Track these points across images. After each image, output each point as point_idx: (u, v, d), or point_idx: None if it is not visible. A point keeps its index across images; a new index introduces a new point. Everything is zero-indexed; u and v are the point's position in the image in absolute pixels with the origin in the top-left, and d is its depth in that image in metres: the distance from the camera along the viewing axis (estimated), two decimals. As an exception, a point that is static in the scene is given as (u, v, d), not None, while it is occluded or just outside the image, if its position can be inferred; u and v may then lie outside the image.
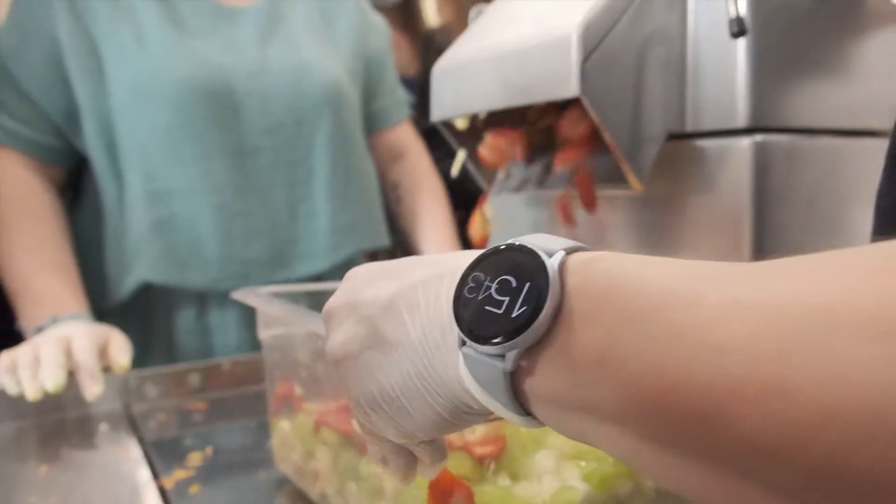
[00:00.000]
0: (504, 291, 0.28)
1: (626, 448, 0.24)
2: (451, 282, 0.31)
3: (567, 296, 0.26)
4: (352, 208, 1.09)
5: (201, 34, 1.00)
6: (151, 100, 0.96)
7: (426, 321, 0.31)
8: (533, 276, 0.27)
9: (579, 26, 0.53)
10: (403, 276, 0.33)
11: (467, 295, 0.29)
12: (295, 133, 1.04)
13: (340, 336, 0.35)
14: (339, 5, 1.15)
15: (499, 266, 0.29)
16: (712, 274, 0.23)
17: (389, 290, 0.33)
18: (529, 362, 0.27)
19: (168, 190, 0.97)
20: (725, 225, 0.58)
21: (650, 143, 0.57)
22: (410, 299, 0.32)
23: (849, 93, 0.62)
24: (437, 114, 0.67)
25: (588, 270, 0.26)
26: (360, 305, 0.34)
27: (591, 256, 0.27)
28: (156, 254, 0.97)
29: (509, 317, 0.27)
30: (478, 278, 0.29)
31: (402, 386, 0.32)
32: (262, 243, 1.02)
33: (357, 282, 0.36)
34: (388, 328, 0.32)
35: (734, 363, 0.20)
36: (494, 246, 0.30)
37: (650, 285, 0.24)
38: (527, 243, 0.29)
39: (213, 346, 1.03)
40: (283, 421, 0.62)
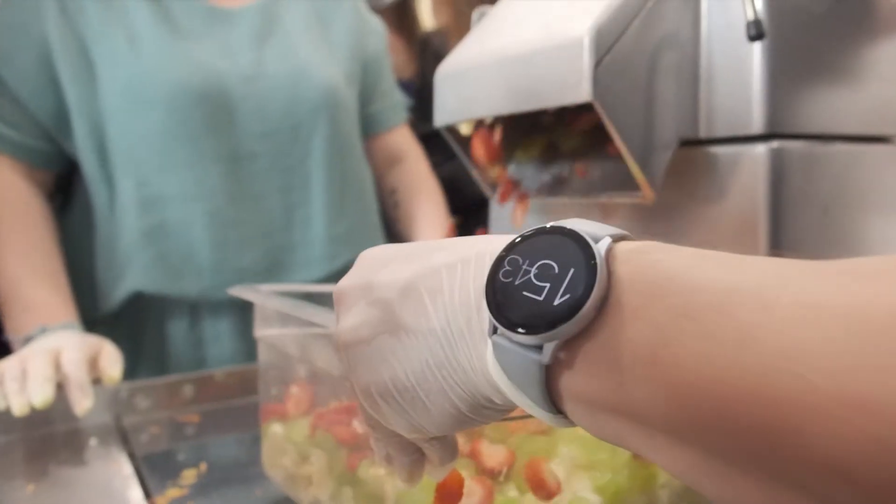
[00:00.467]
0: (545, 277, 0.26)
1: (675, 458, 0.22)
2: (479, 267, 0.29)
3: (614, 286, 0.24)
4: (349, 215, 1.07)
5: (195, 36, 0.98)
6: (144, 103, 0.93)
7: (450, 307, 0.29)
8: (578, 263, 0.25)
9: (591, 29, 0.51)
10: (423, 259, 0.31)
11: (502, 279, 0.27)
12: (291, 138, 1.01)
13: (352, 319, 0.32)
14: (335, 7, 1.12)
15: (539, 250, 0.27)
16: (780, 271, 0.21)
17: (409, 273, 0.31)
18: (568, 356, 0.25)
19: (160, 196, 0.95)
20: (739, 234, 0.56)
21: (662, 150, 0.55)
22: (433, 283, 0.30)
23: (865, 98, 0.61)
24: (440, 119, 0.65)
25: (638, 260, 0.24)
26: (376, 287, 0.32)
27: (641, 246, 0.25)
28: (147, 262, 0.95)
29: (550, 304, 0.25)
30: (515, 262, 0.27)
31: (419, 375, 0.30)
32: (256, 251, 1.00)
33: (372, 263, 0.33)
34: (407, 312, 0.30)
35: (814, 373, 0.18)
36: (533, 228, 0.28)
37: (710, 280, 0.22)
38: (570, 226, 0.27)
39: (206, 357, 1.01)
40: (275, 424, 0.60)
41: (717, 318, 0.21)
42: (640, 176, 0.54)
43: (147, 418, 0.84)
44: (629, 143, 0.53)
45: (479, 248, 0.30)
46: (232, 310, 1.00)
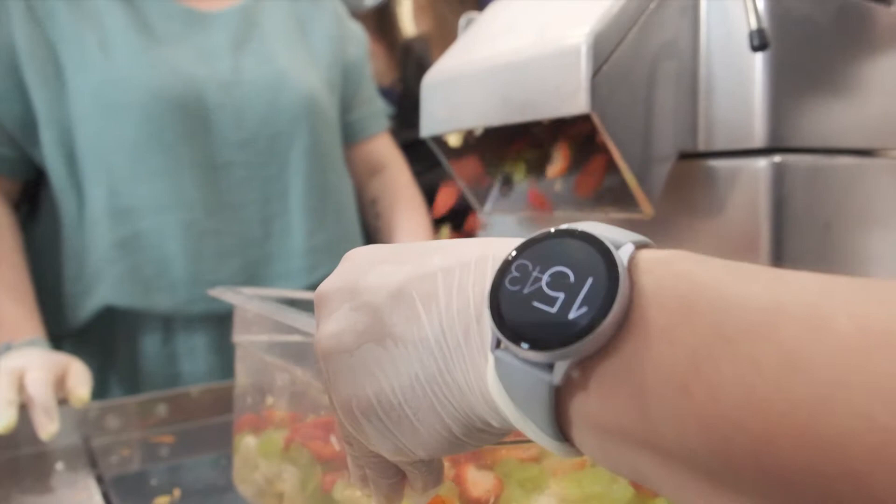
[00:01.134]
0: (558, 286, 0.23)
1: (706, 501, 0.20)
2: (480, 272, 0.26)
3: (638, 300, 0.21)
4: (328, 226, 1.04)
5: (170, 41, 0.95)
6: (116, 111, 0.90)
7: (446, 315, 0.26)
8: (596, 271, 0.22)
9: (588, 36, 0.49)
10: (417, 261, 0.28)
11: (509, 287, 0.24)
12: (269, 147, 0.98)
13: (334, 324, 0.29)
14: (315, 12, 1.09)
15: (552, 255, 0.24)
16: (827, 288, 0.19)
17: (400, 276, 0.28)
18: (582, 377, 0.22)
19: (133, 207, 0.91)
20: (739, 250, 0.54)
21: (661, 164, 0.53)
22: (426, 288, 0.27)
23: (867, 112, 0.59)
24: (428, 129, 0.62)
25: (664, 271, 0.22)
26: (363, 291, 0.29)
27: (666, 255, 0.23)
28: (119, 275, 0.91)
29: (564, 318, 0.22)
30: (524, 268, 0.24)
31: (408, 391, 0.27)
32: (233, 263, 0.96)
33: (359, 263, 0.30)
34: (396, 320, 0.27)
35: (881, 410, 0.16)
36: (545, 231, 0.25)
37: (748, 297, 0.19)
38: (588, 230, 0.24)
39: (180, 373, 0.97)
40: (248, 436, 0.56)
41: (758, 341, 0.18)
42: (639, 191, 0.52)
43: (117, 439, 0.81)
44: (627, 156, 0.51)
45: (480, 251, 0.27)
46: (207, 324, 0.96)
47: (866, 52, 0.59)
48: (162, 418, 0.84)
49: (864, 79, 0.59)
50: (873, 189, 0.58)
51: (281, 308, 0.48)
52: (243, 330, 0.57)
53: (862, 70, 0.59)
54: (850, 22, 0.58)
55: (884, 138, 0.61)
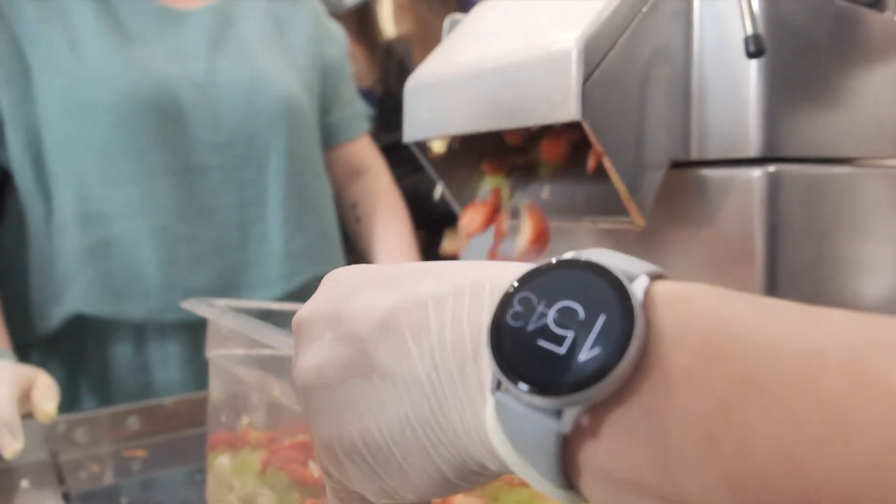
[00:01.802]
0: (567, 323, 0.21)
1: None
2: (476, 300, 0.24)
3: (657, 340, 0.19)
4: (307, 232, 1.01)
5: (144, 40, 0.91)
6: (86, 112, 0.86)
7: (439, 349, 0.24)
8: (609, 306, 0.20)
9: (579, 41, 0.47)
10: (406, 287, 0.26)
11: (511, 322, 0.22)
12: (246, 150, 0.95)
13: (315, 356, 0.27)
14: (294, 11, 1.07)
15: (559, 287, 0.22)
16: (874, 333, 0.17)
17: (387, 303, 0.25)
18: (593, 423, 0.20)
19: (103, 211, 0.88)
20: (732, 262, 0.52)
21: (653, 173, 0.52)
22: (417, 318, 0.25)
23: (862, 121, 0.58)
24: (411, 134, 0.60)
25: (686, 308, 0.20)
26: (346, 319, 0.26)
27: (684, 288, 0.21)
28: (89, 282, 0.88)
29: (574, 359, 0.20)
30: (527, 301, 0.22)
31: (396, 432, 0.25)
32: (209, 270, 0.93)
33: (341, 287, 0.28)
34: (384, 353, 0.25)
35: None
36: (548, 260, 0.23)
37: (782, 339, 0.18)
38: (597, 260, 0.22)
39: (152, 384, 0.94)
40: (222, 456, 0.54)
41: (796, 392, 0.17)
42: (630, 201, 0.50)
43: (87, 454, 0.78)
44: (619, 165, 0.49)
45: (475, 277, 0.25)
46: (181, 332, 0.94)
47: (861, 60, 0.58)
48: (134, 431, 0.82)
49: (859, 87, 0.58)
50: (868, 199, 0.57)
51: (256, 324, 0.45)
52: (217, 344, 0.55)
53: (857, 78, 0.58)
54: (844, 29, 0.56)
55: (879, 147, 0.59)
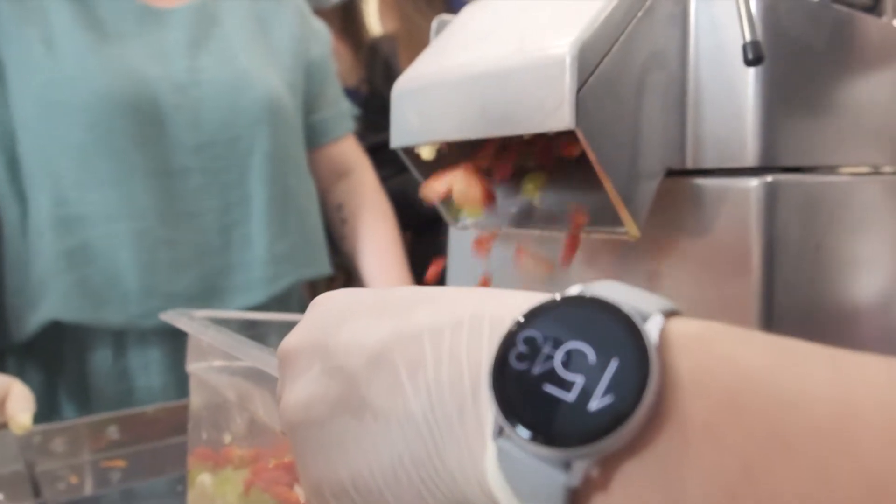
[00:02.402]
0: (576, 366, 0.19)
1: None
2: (475, 335, 0.22)
3: (674, 388, 0.18)
4: (291, 234, 0.99)
5: (123, 39, 0.89)
6: (62, 113, 0.84)
7: (435, 388, 0.22)
8: (622, 350, 0.19)
9: (573, 46, 0.46)
10: (400, 317, 0.24)
11: (515, 364, 0.20)
12: (229, 152, 0.93)
13: (303, 391, 0.25)
14: (277, 9, 1.04)
15: (567, 326, 0.20)
16: None
17: (379, 335, 0.24)
18: (604, 475, 0.18)
19: (81, 215, 0.86)
20: (729, 274, 0.51)
21: (648, 182, 0.50)
22: (411, 353, 0.23)
23: (861, 128, 0.57)
24: (399, 139, 0.58)
25: (704, 353, 0.18)
26: (335, 351, 0.25)
27: (703, 330, 0.19)
28: (66, 288, 0.85)
29: (584, 407, 0.18)
30: (533, 341, 0.20)
31: (389, 475, 0.23)
32: (190, 274, 0.91)
33: (330, 315, 0.26)
34: (376, 390, 0.23)
35: None
36: (554, 296, 0.21)
37: (811, 391, 0.17)
38: (607, 296, 0.20)
39: (133, 390, 0.92)
40: (204, 474, 0.52)
41: (828, 451, 0.16)
42: (624, 211, 0.49)
43: (64, 465, 0.76)
44: (613, 175, 0.48)
45: (474, 308, 0.23)
46: (162, 337, 0.91)
47: (860, 66, 0.57)
48: (113, 441, 0.79)
49: (858, 94, 0.57)
50: (866, 207, 0.56)
51: (237, 339, 0.44)
52: (197, 358, 0.53)
53: (855, 85, 0.57)
54: (843, 35, 0.55)
55: (878, 155, 0.58)
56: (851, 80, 0.56)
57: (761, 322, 0.50)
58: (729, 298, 0.51)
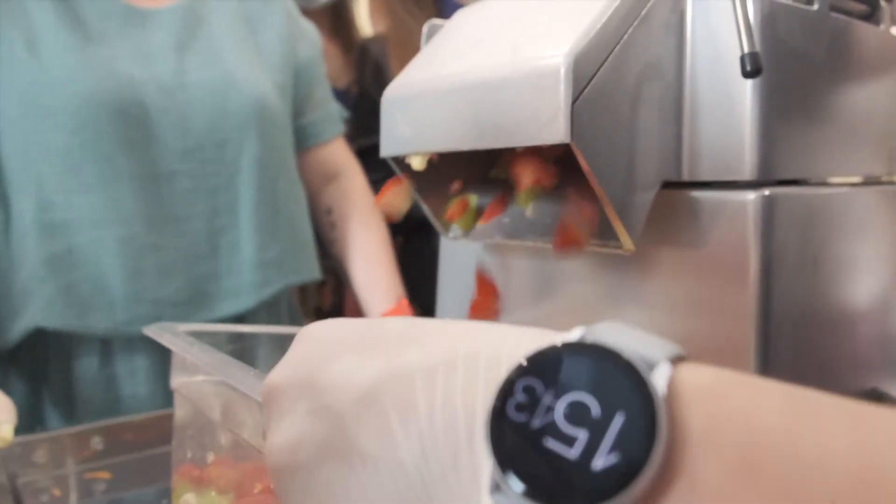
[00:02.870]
0: (579, 420, 0.18)
1: None
2: (470, 376, 0.21)
3: (684, 445, 0.17)
4: (280, 239, 0.98)
5: (107, 40, 0.87)
6: (46, 116, 0.82)
7: (427, 433, 0.21)
8: (627, 403, 0.18)
9: (568, 57, 0.45)
10: (390, 355, 0.23)
11: (514, 416, 0.19)
12: (217, 155, 0.91)
13: (288, 433, 0.24)
14: (265, 10, 1.03)
15: (569, 375, 0.19)
16: None
17: (369, 374, 0.23)
18: None
19: (66, 220, 0.84)
20: (726, 288, 0.50)
21: (643, 195, 0.49)
22: (403, 394, 0.22)
23: (860, 138, 0.56)
24: (389, 149, 0.57)
25: (716, 407, 0.17)
26: (323, 390, 0.23)
27: (714, 380, 0.18)
28: (50, 294, 0.84)
29: (588, 466, 0.17)
30: (532, 390, 0.19)
31: None
32: (177, 280, 0.90)
33: (317, 349, 0.25)
34: (365, 434, 0.22)
35: None
36: (554, 342, 0.20)
37: (831, 453, 0.16)
38: (610, 343, 0.19)
39: (119, 398, 0.90)
40: (188, 494, 0.51)
41: None
42: (619, 225, 0.48)
43: (47, 476, 0.74)
44: (608, 188, 0.47)
45: (468, 346, 0.22)
46: (149, 345, 0.90)
47: (858, 76, 0.56)
48: (97, 451, 0.78)
49: (856, 104, 0.56)
50: (861, 219, 0.55)
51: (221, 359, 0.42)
52: (182, 373, 0.52)
53: (854, 95, 0.56)
54: (841, 44, 0.54)
55: (874, 165, 0.58)
56: (849, 90, 0.55)
57: (758, 337, 0.49)
58: (725, 313, 0.50)
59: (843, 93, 0.55)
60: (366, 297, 1.05)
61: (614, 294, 0.56)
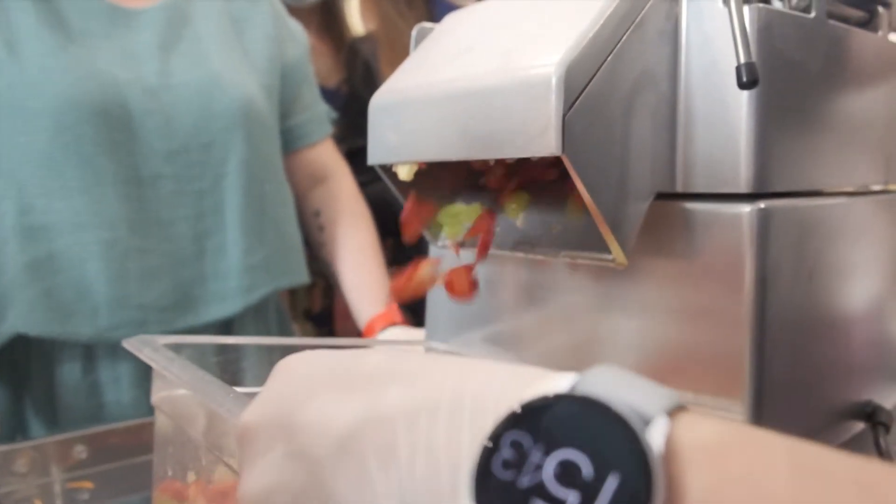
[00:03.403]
0: (569, 480, 0.17)
1: None
2: (454, 421, 0.20)
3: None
4: (267, 242, 0.96)
5: (90, 40, 0.85)
6: (26, 118, 0.80)
7: (408, 483, 0.20)
8: (622, 462, 0.16)
9: (560, 66, 0.43)
10: (371, 395, 0.21)
11: (500, 474, 0.18)
12: (202, 158, 0.90)
13: (263, 476, 0.23)
14: (251, 10, 1.01)
15: (559, 430, 0.18)
16: None
17: (348, 416, 0.21)
18: None
19: (47, 224, 0.82)
20: (720, 302, 0.49)
21: (636, 208, 0.48)
22: (382, 440, 0.21)
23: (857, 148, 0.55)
24: (376, 157, 0.56)
25: (717, 470, 0.16)
26: (299, 432, 0.22)
27: (713, 438, 0.17)
28: (32, 300, 0.82)
29: None
30: (520, 446, 0.18)
31: None
32: (162, 285, 0.88)
33: (295, 386, 0.24)
34: (343, 481, 0.21)
35: None
36: (544, 393, 0.18)
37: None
38: (603, 396, 0.18)
39: (103, 405, 0.89)
40: None
41: None
42: (612, 239, 0.47)
43: (28, 486, 0.73)
44: (600, 201, 0.45)
45: (453, 389, 0.20)
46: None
47: (856, 85, 0.55)
48: (80, 460, 0.77)
49: (854, 113, 0.55)
50: (858, 230, 0.54)
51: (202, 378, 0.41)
52: (163, 387, 0.50)
53: (852, 103, 0.55)
54: (839, 52, 0.53)
55: (870, 174, 0.57)
56: (847, 99, 0.54)
57: (753, 351, 0.48)
58: (720, 327, 0.49)
59: (841, 102, 0.54)
60: (355, 301, 1.03)
61: (607, 306, 0.55)
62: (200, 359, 0.61)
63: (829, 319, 0.54)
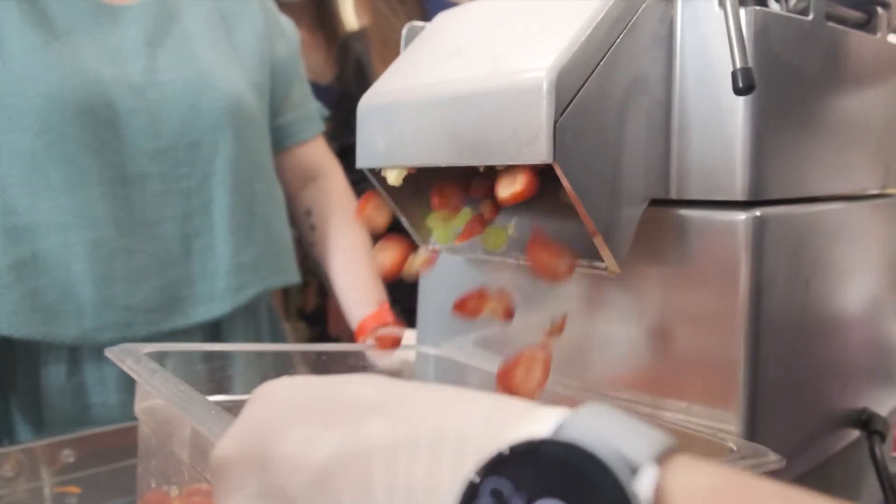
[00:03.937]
0: None
1: None
2: (434, 460, 0.19)
3: None
4: (257, 243, 0.95)
5: (75, 38, 0.84)
6: (10, 117, 0.79)
7: None
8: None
9: (551, 72, 0.42)
10: (349, 429, 0.21)
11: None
12: (190, 157, 0.88)
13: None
14: (240, 6, 0.99)
15: (541, 477, 0.17)
16: None
17: (325, 450, 0.21)
18: None
19: (31, 225, 0.81)
20: (714, 310, 0.48)
21: (629, 216, 0.47)
22: (359, 478, 0.20)
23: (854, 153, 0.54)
24: (365, 160, 0.55)
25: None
26: (275, 466, 0.21)
27: (704, 486, 0.16)
28: (15, 302, 0.81)
29: None
30: (500, 494, 0.17)
31: None
32: (149, 286, 0.87)
33: (271, 417, 0.23)
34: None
35: None
36: (527, 439, 0.18)
37: None
38: (589, 438, 0.17)
39: (89, 408, 0.87)
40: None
41: None
42: (605, 248, 0.46)
43: (14, 491, 0.72)
44: (592, 209, 0.44)
45: (433, 425, 0.20)
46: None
47: (854, 88, 0.54)
48: (68, 464, 0.76)
49: (851, 117, 0.54)
50: (854, 236, 0.54)
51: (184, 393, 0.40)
52: (146, 396, 0.49)
53: (849, 107, 0.54)
54: (837, 55, 0.52)
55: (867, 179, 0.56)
56: (845, 102, 0.53)
57: (748, 358, 0.47)
58: (715, 334, 0.48)
59: (839, 106, 0.53)
60: (346, 301, 1.02)
61: (600, 313, 0.54)
62: (187, 365, 0.60)
63: (824, 327, 0.53)
